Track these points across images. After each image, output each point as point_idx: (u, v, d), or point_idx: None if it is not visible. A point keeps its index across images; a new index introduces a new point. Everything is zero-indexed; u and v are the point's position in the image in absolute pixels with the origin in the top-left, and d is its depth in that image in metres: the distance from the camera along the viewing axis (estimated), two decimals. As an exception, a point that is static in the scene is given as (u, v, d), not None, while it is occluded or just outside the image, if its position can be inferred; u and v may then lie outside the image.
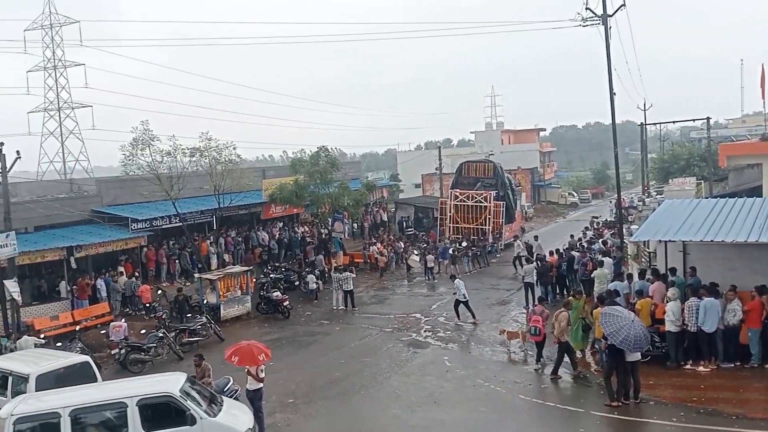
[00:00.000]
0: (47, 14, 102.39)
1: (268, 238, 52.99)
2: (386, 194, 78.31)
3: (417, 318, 36.47)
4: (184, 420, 17.51)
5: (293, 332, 35.22)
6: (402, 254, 54.50)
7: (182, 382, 18.53)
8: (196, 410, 17.65)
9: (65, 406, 17.37)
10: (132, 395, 17.69)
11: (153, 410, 17.72)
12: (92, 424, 17.68)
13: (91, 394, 18.85)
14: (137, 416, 17.34)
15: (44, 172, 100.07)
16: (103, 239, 39.94)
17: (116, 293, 39.63)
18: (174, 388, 18.00)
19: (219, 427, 17.89)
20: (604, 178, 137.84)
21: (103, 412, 17.84)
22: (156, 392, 18.05)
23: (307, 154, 52.90)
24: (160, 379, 19.86)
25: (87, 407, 17.71)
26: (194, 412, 17.59)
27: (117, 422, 17.55)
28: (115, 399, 17.85)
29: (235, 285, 39.22)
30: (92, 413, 17.74)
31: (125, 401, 17.52)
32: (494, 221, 58.91)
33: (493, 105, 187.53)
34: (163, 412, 17.73)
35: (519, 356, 28.13)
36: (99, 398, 18.22)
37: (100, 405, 17.92)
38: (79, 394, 18.70)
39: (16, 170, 34.61)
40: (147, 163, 42.38)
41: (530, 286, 37.10)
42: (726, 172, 57.95)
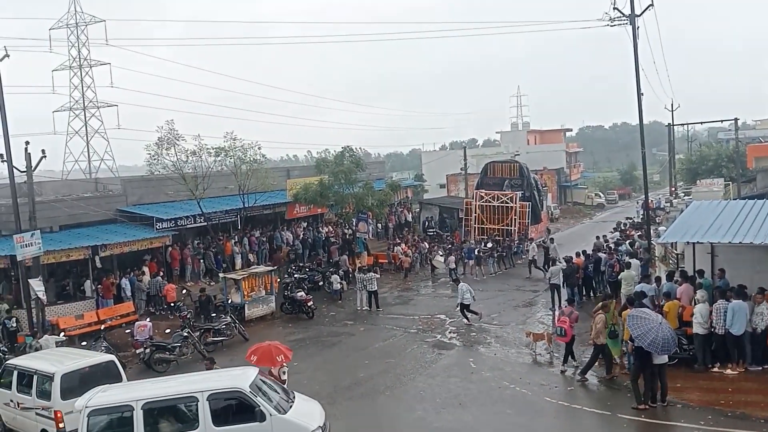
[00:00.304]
0: (72, 13, 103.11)
1: (292, 238, 53.07)
2: (411, 194, 78.40)
3: (442, 319, 36.45)
4: (254, 416, 17.60)
5: (317, 332, 35.27)
6: (426, 255, 54.49)
7: (253, 378, 18.59)
8: (265, 406, 17.70)
9: (138, 399, 17.58)
10: (203, 390, 17.85)
11: (223, 405, 17.92)
12: (164, 417, 17.93)
13: (163, 387, 19.10)
14: (208, 411, 17.49)
15: (69, 171, 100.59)
16: (127, 238, 40.01)
17: (141, 292, 39.70)
18: (244, 383, 18.07)
19: (288, 424, 17.90)
20: (631, 179, 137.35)
21: (174, 406, 18.13)
22: (226, 387, 18.20)
23: (331, 154, 52.91)
24: (231, 374, 19.89)
25: (159, 400, 17.96)
26: (264, 408, 17.64)
27: (188, 416, 17.79)
28: (186, 393, 18.07)
29: (260, 285, 39.29)
30: (164, 406, 18.01)
31: (196, 395, 17.72)
32: (520, 222, 58.82)
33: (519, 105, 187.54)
34: (233, 408, 17.93)
35: (545, 358, 28.05)
36: (171, 392, 18.44)
37: (172, 399, 18.18)
38: (151, 388, 19.02)
39: (41, 169, 34.69)
40: (172, 162, 42.62)
41: (556, 288, 36.90)
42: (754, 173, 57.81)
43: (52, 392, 20.23)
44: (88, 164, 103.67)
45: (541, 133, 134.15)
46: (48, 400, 20.33)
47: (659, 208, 67.82)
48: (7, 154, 32.62)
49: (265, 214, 53.47)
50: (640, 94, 39.48)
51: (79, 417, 17.57)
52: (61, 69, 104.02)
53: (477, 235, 58.43)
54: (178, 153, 42.49)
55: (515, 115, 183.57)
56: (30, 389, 21.04)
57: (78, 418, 17.66)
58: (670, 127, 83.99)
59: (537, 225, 62.71)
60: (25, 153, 33.10)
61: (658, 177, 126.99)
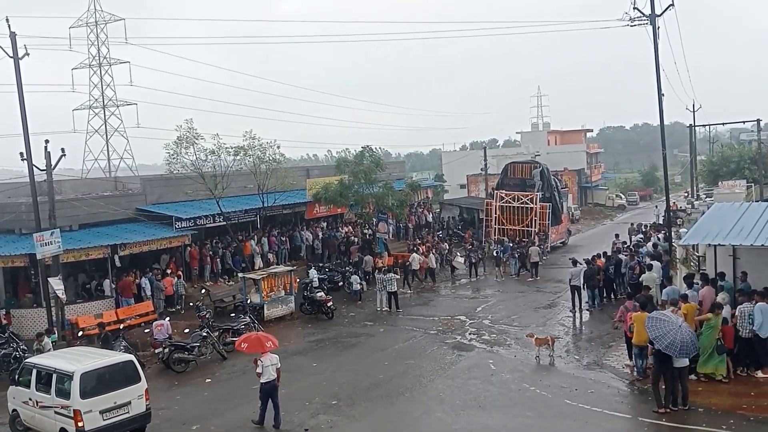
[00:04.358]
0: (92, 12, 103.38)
1: (312, 238, 53.13)
2: (431, 195, 78.31)
3: (461, 320, 36.37)
4: None
5: (337, 333, 35.27)
6: (446, 256, 54.43)
7: None
8: None
9: None
10: None
11: None
12: None
13: None
14: None
15: (89, 170, 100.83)
16: (147, 237, 40.11)
17: (160, 292, 39.84)
18: None
19: None
20: (652, 180, 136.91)
21: None
22: None
23: (351, 154, 52.87)
24: None
25: None
26: None
27: None
28: None
29: (279, 285, 39.34)
30: None
31: None
32: (540, 223, 58.68)
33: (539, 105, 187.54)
34: None
35: (545, 362, 27.94)
36: None
37: None
38: None
39: (61, 168, 34.84)
40: (191, 161, 42.68)
41: (577, 290, 36.87)
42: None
43: (72, 391, 20.25)
44: (107, 163, 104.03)
45: (562, 133, 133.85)
46: (67, 399, 20.36)
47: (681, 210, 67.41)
48: (27, 153, 32.78)
49: (285, 214, 53.62)
50: (661, 94, 39.38)
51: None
52: (81, 67, 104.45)
53: (497, 236, 58.32)
54: (197, 152, 42.58)
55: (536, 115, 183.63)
56: (49, 388, 21.09)
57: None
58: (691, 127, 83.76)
59: (557, 226, 62.45)
60: (44, 151, 33.25)
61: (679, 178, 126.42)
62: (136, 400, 21.43)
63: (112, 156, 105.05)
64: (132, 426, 21.59)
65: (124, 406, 21.08)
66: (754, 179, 68.74)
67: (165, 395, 26.37)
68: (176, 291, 41.01)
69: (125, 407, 21.12)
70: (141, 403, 21.57)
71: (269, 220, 51.26)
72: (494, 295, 42.97)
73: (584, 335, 32.68)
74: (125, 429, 21.42)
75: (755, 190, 61.87)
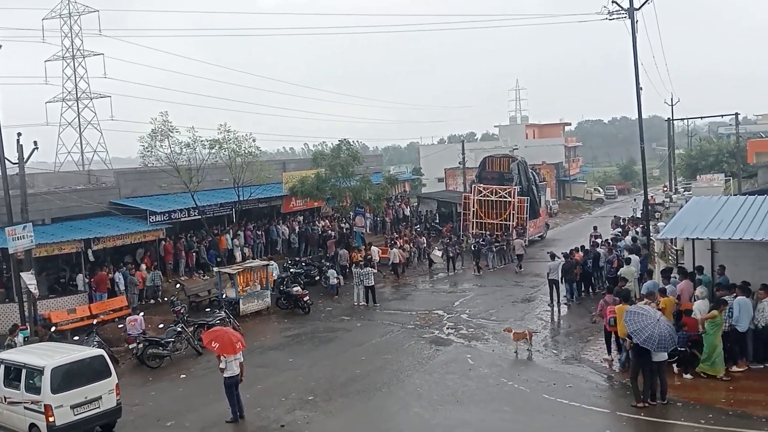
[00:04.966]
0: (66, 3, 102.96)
1: (288, 232, 53.04)
2: (408, 188, 78.26)
3: (439, 315, 36.36)
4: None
5: (313, 328, 35.19)
6: (424, 249, 54.48)
7: None
8: None
9: None
10: None
11: None
12: None
13: None
14: None
15: (62, 163, 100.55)
16: (121, 232, 40.00)
17: (133, 286, 39.67)
18: None
19: None
20: (630, 174, 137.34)
21: None
22: None
23: (328, 147, 52.81)
24: None
25: None
26: None
27: None
28: None
29: (255, 279, 39.24)
30: None
31: None
32: (518, 217, 58.74)
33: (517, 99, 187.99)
34: None
35: (523, 356, 28.03)
36: None
37: None
38: None
39: (33, 161, 34.64)
40: (166, 154, 42.40)
41: (555, 283, 36.93)
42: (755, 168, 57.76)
43: (42, 386, 20.17)
44: (81, 156, 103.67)
45: (540, 127, 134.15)
46: (38, 395, 20.27)
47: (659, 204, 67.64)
48: (-1, 146, 32.55)
49: (261, 208, 53.44)
50: (639, 88, 39.43)
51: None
52: (55, 59, 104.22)
53: (475, 230, 58.40)
54: (172, 145, 42.26)
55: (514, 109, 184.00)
56: (19, 383, 20.97)
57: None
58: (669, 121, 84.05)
59: (535, 220, 62.58)
60: (17, 144, 33.01)
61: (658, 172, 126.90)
62: (107, 395, 21.41)
63: (85, 149, 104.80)
64: (103, 421, 21.61)
65: (94, 401, 21.07)
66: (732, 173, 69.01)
67: (139, 391, 26.28)
68: (153, 283, 40.99)
69: (96, 402, 21.11)
70: (112, 398, 21.56)
71: (245, 214, 51.09)
72: (472, 289, 43.03)
73: (562, 329, 32.72)
74: (96, 424, 21.46)
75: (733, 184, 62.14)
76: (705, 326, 22.87)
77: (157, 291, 41.26)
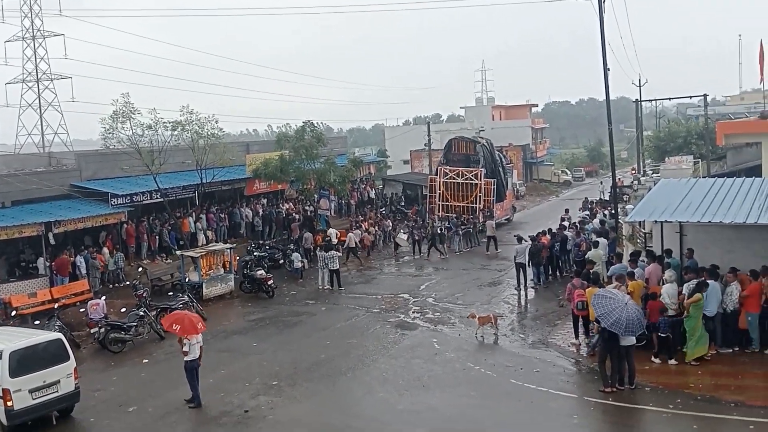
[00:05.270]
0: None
1: (251, 215, 52.79)
2: (374, 171, 78.09)
3: (405, 299, 36.29)
4: None
5: (277, 312, 34.98)
6: (390, 232, 54.37)
7: None
8: None
9: None
10: None
11: None
12: None
13: None
14: None
15: (22, 145, 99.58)
16: (82, 215, 39.64)
17: (95, 270, 39.36)
18: None
19: None
20: (598, 156, 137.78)
21: None
22: None
23: (292, 129, 52.57)
24: None
25: None
26: None
27: None
28: None
29: (218, 263, 39.01)
30: None
31: None
32: (485, 199, 58.70)
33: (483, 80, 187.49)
34: None
35: (489, 340, 28.04)
36: None
37: None
38: None
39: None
40: (127, 136, 42.00)
41: (522, 267, 36.91)
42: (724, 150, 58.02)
43: (0, 370, 19.96)
44: (41, 138, 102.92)
45: (507, 108, 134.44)
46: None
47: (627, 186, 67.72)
48: (-42, 128, 32.15)
49: (224, 190, 53.15)
50: (607, 69, 39.49)
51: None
52: (15, 40, 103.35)
53: (441, 212, 58.32)
54: (134, 127, 41.91)
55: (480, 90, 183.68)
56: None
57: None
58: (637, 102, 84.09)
59: (502, 203, 62.55)
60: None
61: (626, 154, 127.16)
62: (65, 378, 21.30)
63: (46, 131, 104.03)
64: (61, 405, 21.50)
65: (53, 385, 20.96)
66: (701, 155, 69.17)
67: (101, 376, 26.03)
68: (115, 267, 40.82)
69: (54, 386, 21.00)
70: (70, 382, 21.45)
71: (208, 197, 50.79)
72: (438, 272, 42.99)
73: (529, 313, 32.80)
74: (54, 408, 21.35)
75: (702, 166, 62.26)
76: (690, 310, 22.81)
77: (119, 275, 41.07)
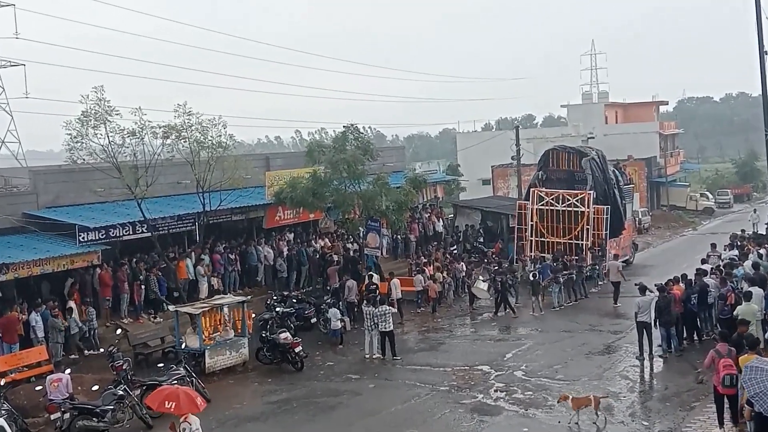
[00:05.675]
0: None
1: (273, 255, 52.94)
2: (441, 194, 78.04)
3: (484, 372, 36.22)
4: None
5: (309, 391, 35.04)
6: (464, 279, 54.28)
7: None
8: None
9: None
10: None
11: None
12: None
13: None
14: None
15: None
16: (38, 255, 39.60)
17: (57, 333, 39.33)
18: None
19: None
20: (751, 173, 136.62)
21: None
22: None
23: (329, 136, 52.77)
24: None
25: None
26: None
27: None
28: None
29: (227, 322, 39.04)
30: None
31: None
32: (595, 233, 58.40)
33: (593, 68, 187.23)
34: None
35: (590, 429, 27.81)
36: None
37: None
38: None
39: None
40: (102, 146, 42.25)
41: (646, 327, 36.57)
42: None
43: None
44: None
45: (625, 107, 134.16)
46: None
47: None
48: None
49: (235, 222, 53.34)
50: (764, 52, 39.23)
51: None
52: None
53: (535, 251, 58.08)
54: (111, 133, 42.16)
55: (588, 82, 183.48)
56: None
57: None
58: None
59: (618, 238, 62.18)
60: None
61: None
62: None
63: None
64: None
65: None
66: None
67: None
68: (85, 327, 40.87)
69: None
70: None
71: (213, 231, 51.09)
72: (530, 335, 42.94)
73: (656, 392, 32.61)
74: None
75: None
76: None
77: (91, 339, 41.02)
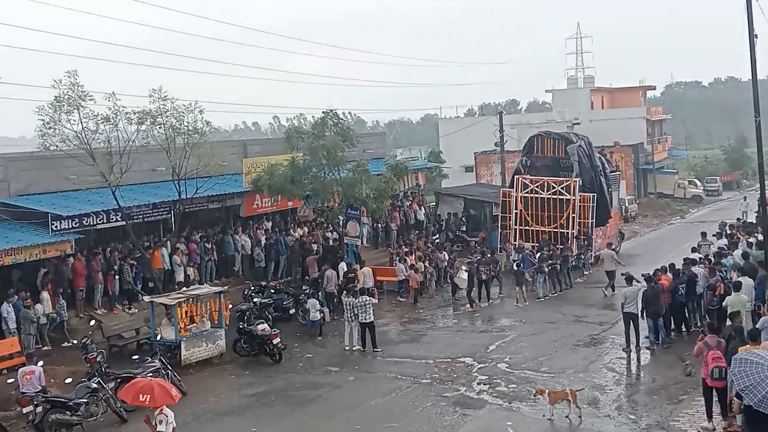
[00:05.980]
0: None
1: (251, 244, 52.95)
2: (423, 181, 78.11)
3: (467, 364, 36.27)
4: None
5: (287, 383, 35.06)
6: (446, 269, 54.35)
7: None
8: None
9: None
10: None
11: None
12: None
13: None
14: None
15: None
16: (10, 244, 39.58)
17: (29, 324, 39.31)
18: None
19: None
20: (741, 160, 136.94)
21: None
22: None
23: (308, 122, 52.63)
24: None
25: None
26: None
27: None
28: None
29: (203, 313, 39.02)
30: None
31: None
32: (580, 222, 58.51)
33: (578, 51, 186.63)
34: None
35: (564, 423, 27.84)
36: None
37: None
38: None
39: None
40: (75, 133, 42.17)
41: (633, 319, 36.67)
42: None
43: None
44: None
45: (611, 92, 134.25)
46: None
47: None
48: None
49: (212, 210, 53.44)
50: (754, 35, 39.24)
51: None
52: None
53: (519, 240, 58.08)
54: (85, 119, 42.08)
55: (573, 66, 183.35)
56: None
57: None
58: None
59: (604, 227, 62.26)
60: None
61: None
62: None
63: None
64: None
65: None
66: None
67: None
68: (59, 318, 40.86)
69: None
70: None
71: (189, 219, 51.07)
72: (514, 326, 43.01)
73: (643, 385, 32.73)
74: None
75: None
76: None
77: (64, 330, 40.93)
